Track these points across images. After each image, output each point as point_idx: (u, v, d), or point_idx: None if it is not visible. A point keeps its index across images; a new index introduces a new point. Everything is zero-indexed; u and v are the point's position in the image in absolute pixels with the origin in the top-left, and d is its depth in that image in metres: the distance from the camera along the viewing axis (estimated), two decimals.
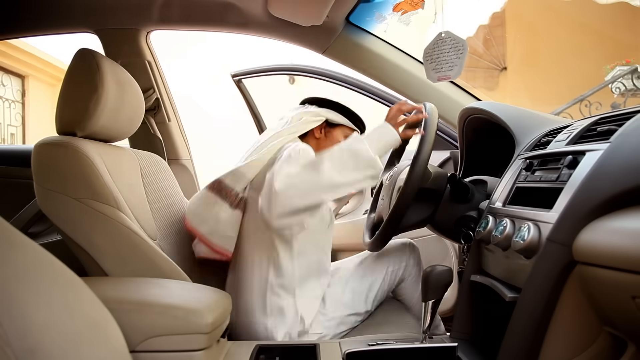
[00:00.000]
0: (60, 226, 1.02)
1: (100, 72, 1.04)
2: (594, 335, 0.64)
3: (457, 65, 1.24)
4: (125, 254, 1.01)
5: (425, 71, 1.34)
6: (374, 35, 1.60)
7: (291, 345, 0.96)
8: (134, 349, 0.73)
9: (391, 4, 1.38)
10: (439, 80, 1.30)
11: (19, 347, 0.43)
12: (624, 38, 5.21)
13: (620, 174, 0.61)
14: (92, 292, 0.58)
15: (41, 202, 1.02)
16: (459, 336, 0.94)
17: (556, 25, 5.49)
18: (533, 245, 0.70)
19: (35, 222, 1.75)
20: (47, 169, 1.02)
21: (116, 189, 1.03)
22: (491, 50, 6.04)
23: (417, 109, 1.16)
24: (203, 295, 0.89)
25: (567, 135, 0.84)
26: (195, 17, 1.61)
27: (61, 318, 0.50)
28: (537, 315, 0.67)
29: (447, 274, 0.85)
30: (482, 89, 5.98)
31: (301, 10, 1.42)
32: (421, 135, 1.09)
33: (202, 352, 0.77)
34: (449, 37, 1.25)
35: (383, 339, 0.91)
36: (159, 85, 1.73)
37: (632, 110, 0.75)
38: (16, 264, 0.49)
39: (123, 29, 1.65)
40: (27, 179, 1.10)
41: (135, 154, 1.23)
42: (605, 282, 0.57)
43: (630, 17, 5.12)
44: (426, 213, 1.15)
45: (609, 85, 4.94)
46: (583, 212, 0.63)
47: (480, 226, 0.92)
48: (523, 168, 0.90)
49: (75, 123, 1.05)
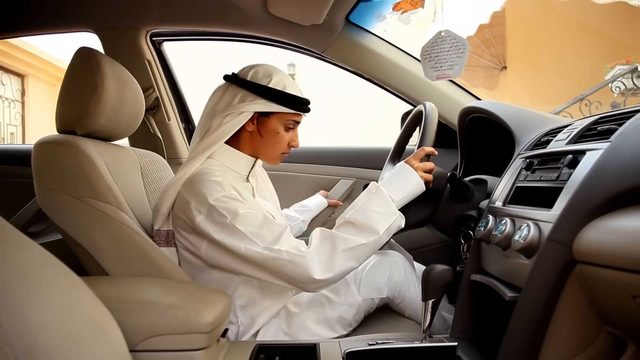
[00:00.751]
0: (61, 225, 1.02)
1: (101, 70, 1.04)
2: (594, 334, 0.64)
3: (458, 65, 1.24)
4: (126, 253, 1.01)
5: (422, 69, 1.33)
6: (374, 34, 1.60)
7: (291, 344, 0.96)
8: (134, 349, 0.73)
9: (391, 3, 1.38)
10: (438, 78, 1.29)
11: (18, 346, 0.43)
12: (623, 37, 5.22)
13: (621, 173, 0.61)
14: (92, 292, 0.58)
15: (41, 201, 1.02)
16: (459, 336, 0.94)
17: (556, 24, 5.49)
18: (533, 244, 0.70)
19: (35, 222, 1.75)
20: (48, 168, 1.02)
21: (116, 187, 1.03)
22: (491, 50, 6.04)
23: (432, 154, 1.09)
24: (203, 294, 0.89)
25: (567, 134, 0.84)
26: (195, 16, 1.61)
27: (61, 317, 0.50)
28: (537, 314, 0.67)
29: (447, 274, 0.85)
30: (482, 88, 5.99)
31: (301, 10, 1.42)
32: (421, 133, 1.09)
33: (202, 351, 0.77)
34: (449, 36, 1.25)
35: (383, 338, 0.90)
36: (158, 84, 1.73)
37: (632, 110, 0.75)
38: (16, 263, 0.49)
39: (123, 28, 1.64)
40: (27, 179, 1.10)
41: (135, 153, 1.23)
42: (606, 282, 0.57)
43: (630, 16, 5.13)
44: (426, 213, 1.15)
45: (609, 85, 4.95)
46: (583, 212, 0.63)
47: (480, 225, 0.92)
48: (523, 167, 0.90)
49: (76, 121, 1.05)
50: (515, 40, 5.94)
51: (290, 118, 1.11)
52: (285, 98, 1.07)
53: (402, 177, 1.04)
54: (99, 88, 1.03)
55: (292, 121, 1.11)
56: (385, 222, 1.00)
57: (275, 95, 1.06)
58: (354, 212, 1.01)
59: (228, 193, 0.99)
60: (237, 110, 1.06)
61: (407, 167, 1.05)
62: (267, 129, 1.10)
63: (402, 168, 1.05)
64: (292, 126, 1.12)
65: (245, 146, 1.13)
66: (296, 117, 1.12)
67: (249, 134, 1.11)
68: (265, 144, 1.12)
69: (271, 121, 1.09)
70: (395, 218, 1.01)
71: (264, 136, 1.10)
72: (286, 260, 0.95)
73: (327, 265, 0.97)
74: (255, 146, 1.13)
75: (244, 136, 1.11)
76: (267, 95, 1.06)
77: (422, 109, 1.20)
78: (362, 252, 0.99)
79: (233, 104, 1.07)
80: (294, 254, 0.95)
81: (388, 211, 1.00)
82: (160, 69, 1.76)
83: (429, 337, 0.86)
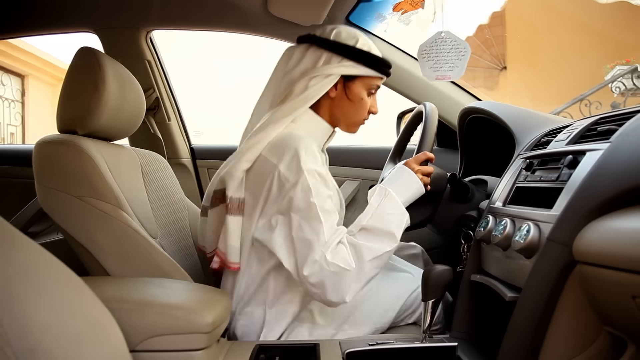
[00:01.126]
0: (62, 225, 1.02)
1: (102, 70, 1.04)
2: (594, 335, 0.64)
3: (459, 67, 1.23)
4: (127, 253, 1.01)
5: (420, 67, 1.32)
6: (374, 35, 1.60)
7: (291, 344, 0.96)
8: (134, 349, 0.73)
9: (391, 3, 1.38)
10: (436, 78, 1.29)
11: (19, 347, 0.43)
12: (624, 37, 5.22)
13: (621, 173, 0.61)
14: (92, 292, 0.58)
15: (42, 200, 1.02)
16: (459, 336, 0.94)
17: (556, 24, 5.49)
18: (533, 244, 0.70)
19: (35, 222, 1.75)
20: (49, 167, 1.02)
21: (117, 187, 1.03)
22: (491, 50, 6.04)
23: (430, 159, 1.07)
24: (203, 294, 0.89)
25: (567, 135, 0.84)
26: (195, 16, 1.61)
27: (62, 318, 0.50)
28: (537, 314, 0.67)
29: (447, 274, 0.85)
30: (482, 88, 5.99)
31: (301, 10, 1.42)
32: (421, 133, 1.09)
33: (202, 351, 0.77)
34: (449, 38, 1.25)
35: (383, 338, 0.91)
36: (159, 84, 1.73)
37: (632, 110, 0.75)
38: (17, 263, 0.49)
39: (123, 29, 1.65)
40: (27, 179, 1.10)
41: (135, 153, 1.23)
42: (606, 282, 0.57)
43: (631, 16, 5.13)
44: (426, 213, 1.15)
45: (609, 85, 4.95)
46: (583, 212, 0.63)
47: (480, 226, 0.92)
48: (523, 168, 0.90)
49: (77, 121, 1.05)
50: (515, 40, 5.94)
51: (374, 82, 1.05)
52: (373, 60, 1.02)
53: (403, 180, 1.02)
54: (100, 88, 1.03)
55: (375, 85, 1.06)
56: (399, 225, 0.97)
57: (363, 57, 1.01)
58: (370, 219, 0.96)
59: (320, 170, 0.94)
60: (324, 72, 0.99)
61: (406, 169, 1.02)
62: (353, 93, 1.04)
63: (401, 170, 1.03)
64: (374, 91, 1.07)
65: (326, 112, 1.07)
66: (379, 81, 1.07)
67: (330, 100, 1.04)
68: (349, 109, 1.05)
69: (356, 85, 1.03)
70: (406, 218, 0.99)
71: (349, 100, 1.04)
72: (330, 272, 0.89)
73: (357, 279, 0.92)
74: (337, 112, 1.06)
75: (325, 102, 1.05)
76: (355, 57, 1.00)
77: (422, 109, 1.20)
78: (386, 259, 0.96)
79: (318, 66, 1.00)
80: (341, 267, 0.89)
81: (400, 212, 0.98)
82: (160, 69, 1.76)
83: (429, 337, 0.87)
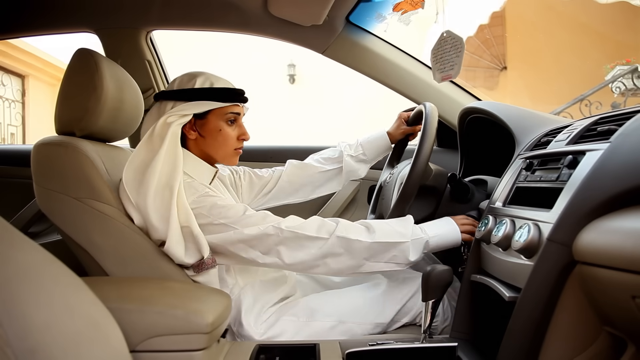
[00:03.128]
0: (60, 226, 1.02)
1: (99, 71, 1.04)
2: (594, 335, 0.64)
3: (457, 64, 1.23)
4: (126, 253, 1.01)
5: (432, 73, 1.32)
6: (374, 35, 1.60)
7: (291, 345, 0.96)
8: (134, 349, 0.73)
9: (391, 3, 1.38)
10: (442, 80, 1.28)
11: (19, 347, 0.43)
12: (624, 38, 5.22)
13: (621, 173, 0.61)
14: (92, 292, 0.58)
15: (41, 202, 1.02)
16: (459, 336, 0.94)
17: (556, 24, 5.49)
18: (533, 245, 0.70)
19: (35, 222, 1.75)
20: (47, 169, 1.02)
21: (116, 188, 1.03)
22: (491, 50, 6.04)
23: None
24: (203, 295, 0.89)
25: (567, 135, 0.84)
26: (195, 17, 1.61)
27: (61, 318, 0.50)
28: (536, 315, 0.67)
29: (447, 274, 0.85)
30: (482, 88, 5.99)
31: (301, 10, 1.42)
32: (421, 133, 1.09)
33: (202, 352, 0.77)
34: (449, 37, 1.25)
35: (383, 339, 0.91)
36: (158, 85, 1.73)
37: (632, 110, 0.75)
38: (17, 264, 0.49)
39: (123, 29, 1.65)
40: (27, 179, 1.10)
41: None
42: (605, 282, 0.57)
43: (631, 16, 5.13)
44: (426, 212, 1.15)
45: (609, 85, 4.95)
46: (583, 212, 0.63)
47: (480, 226, 0.92)
48: (523, 168, 0.90)
49: (75, 123, 1.05)
50: (516, 40, 5.94)
51: (227, 111, 1.08)
52: (215, 93, 1.06)
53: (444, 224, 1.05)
54: (98, 89, 1.03)
55: (231, 114, 1.09)
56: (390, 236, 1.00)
57: (204, 94, 1.05)
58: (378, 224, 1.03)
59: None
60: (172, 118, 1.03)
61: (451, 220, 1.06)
62: (209, 129, 1.08)
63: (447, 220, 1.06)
64: (233, 119, 1.10)
65: (198, 154, 1.11)
66: (234, 109, 1.09)
67: (194, 142, 1.10)
68: (212, 144, 1.09)
69: (210, 120, 1.08)
70: (405, 243, 1.00)
71: (207, 137, 1.08)
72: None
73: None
74: (204, 150, 1.10)
75: (191, 146, 1.10)
76: (196, 97, 1.05)
77: (422, 109, 1.20)
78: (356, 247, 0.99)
79: (167, 118, 1.04)
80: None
81: (402, 232, 1.01)
82: (160, 69, 1.76)
83: (429, 338, 0.87)
